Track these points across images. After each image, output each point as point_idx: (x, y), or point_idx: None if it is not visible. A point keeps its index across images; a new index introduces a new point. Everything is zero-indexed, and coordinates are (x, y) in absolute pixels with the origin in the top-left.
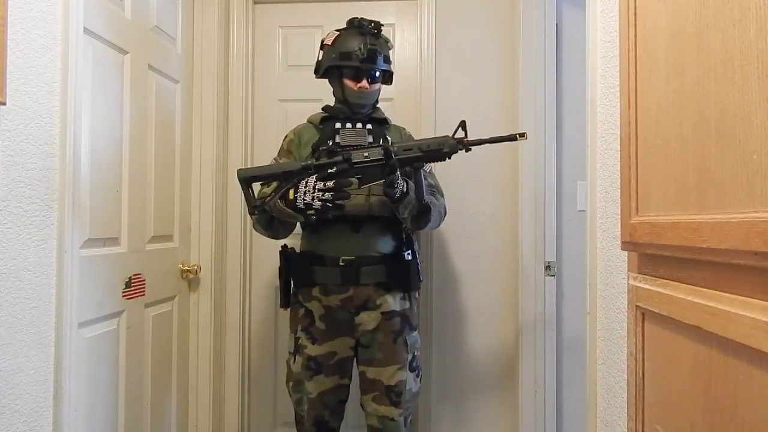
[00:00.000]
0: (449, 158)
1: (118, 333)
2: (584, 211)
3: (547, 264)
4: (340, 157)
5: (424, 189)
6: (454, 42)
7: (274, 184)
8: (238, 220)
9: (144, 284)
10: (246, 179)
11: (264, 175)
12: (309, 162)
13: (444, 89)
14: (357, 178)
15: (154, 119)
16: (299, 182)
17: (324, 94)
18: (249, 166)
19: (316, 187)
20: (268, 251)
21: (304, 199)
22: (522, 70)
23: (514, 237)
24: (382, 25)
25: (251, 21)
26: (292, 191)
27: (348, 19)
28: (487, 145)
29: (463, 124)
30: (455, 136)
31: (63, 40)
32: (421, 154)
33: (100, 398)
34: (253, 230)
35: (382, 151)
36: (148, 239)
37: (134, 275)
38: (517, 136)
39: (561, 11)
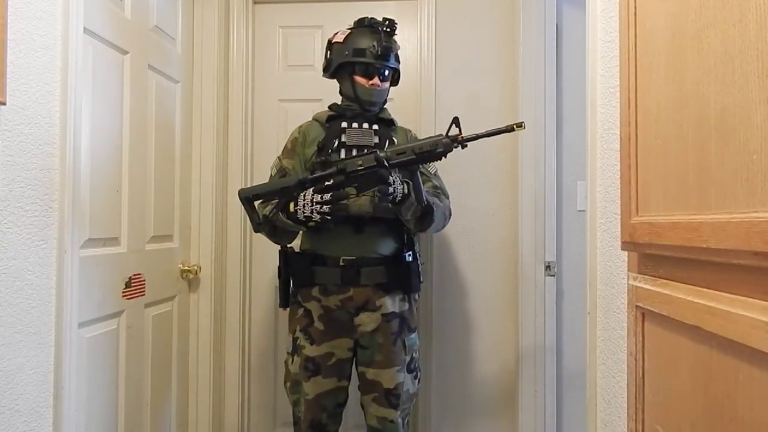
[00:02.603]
0: (445, 157)
1: (118, 333)
2: (584, 211)
3: (547, 264)
4: (334, 169)
5: (424, 190)
6: (454, 42)
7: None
8: (238, 220)
9: (144, 284)
10: (247, 199)
11: (264, 193)
12: (305, 176)
13: (444, 89)
14: (354, 186)
15: (153, 119)
16: (298, 195)
17: (324, 94)
18: (248, 186)
19: (314, 200)
20: (268, 251)
21: (303, 212)
22: (522, 70)
23: (514, 237)
24: (396, 24)
25: (251, 21)
26: (292, 204)
27: (356, 19)
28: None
29: (456, 121)
30: (449, 134)
31: (63, 40)
32: (414, 157)
33: (100, 398)
34: (254, 232)
35: (374, 159)
36: (148, 239)
37: (134, 275)
38: (514, 126)
39: (561, 11)
